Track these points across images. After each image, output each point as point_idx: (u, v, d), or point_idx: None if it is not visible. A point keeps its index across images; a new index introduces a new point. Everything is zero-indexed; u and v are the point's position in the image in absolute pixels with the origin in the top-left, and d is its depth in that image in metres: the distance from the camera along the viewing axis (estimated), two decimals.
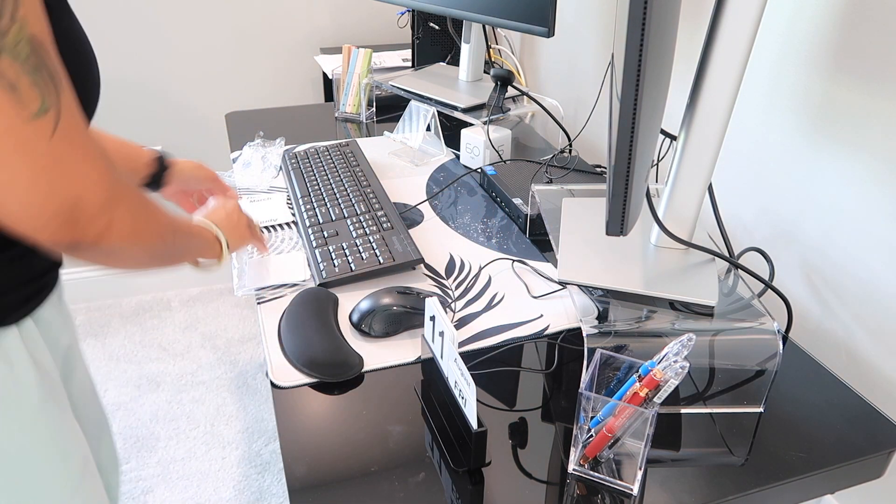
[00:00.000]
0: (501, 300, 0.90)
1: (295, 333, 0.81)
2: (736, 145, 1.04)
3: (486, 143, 1.25)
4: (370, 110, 1.52)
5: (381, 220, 1.02)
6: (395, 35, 2.13)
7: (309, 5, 2.05)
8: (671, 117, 1.16)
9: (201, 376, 1.97)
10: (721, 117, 0.73)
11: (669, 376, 0.59)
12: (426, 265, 0.98)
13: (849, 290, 0.88)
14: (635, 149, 0.60)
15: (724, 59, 0.69)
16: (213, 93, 2.09)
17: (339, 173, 1.17)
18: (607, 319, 0.77)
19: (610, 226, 0.68)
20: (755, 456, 0.68)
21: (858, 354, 0.88)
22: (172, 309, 2.26)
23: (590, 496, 0.64)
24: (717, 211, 0.88)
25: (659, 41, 0.58)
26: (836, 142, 0.87)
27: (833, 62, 0.86)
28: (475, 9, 1.29)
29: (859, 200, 0.85)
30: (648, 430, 0.61)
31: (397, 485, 0.64)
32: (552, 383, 0.78)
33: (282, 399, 0.74)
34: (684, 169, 0.77)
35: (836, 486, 0.71)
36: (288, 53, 2.10)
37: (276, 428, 1.51)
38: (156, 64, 2.00)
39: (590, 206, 0.95)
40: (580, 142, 1.47)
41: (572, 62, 1.53)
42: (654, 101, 0.64)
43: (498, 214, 1.12)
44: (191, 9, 1.96)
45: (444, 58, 1.69)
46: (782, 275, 0.98)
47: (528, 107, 1.40)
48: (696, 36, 1.09)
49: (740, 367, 0.77)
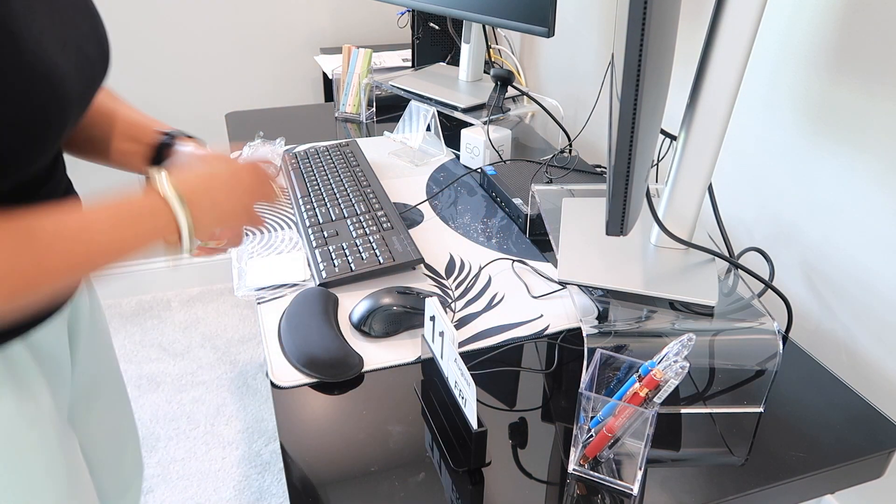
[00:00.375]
0: (501, 300, 0.90)
1: (295, 333, 0.81)
2: (736, 145, 1.04)
3: (486, 143, 1.25)
4: (370, 110, 1.52)
5: (381, 220, 1.02)
6: (395, 35, 2.13)
7: (309, 6, 2.05)
8: (671, 117, 1.16)
9: (201, 376, 1.97)
10: (721, 117, 0.73)
11: (669, 376, 0.59)
12: (426, 265, 0.98)
13: (849, 290, 0.88)
14: (635, 149, 0.60)
15: (724, 59, 0.69)
16: (213, 93, 2.09)
17: (339, 173, 1.17)
18: (607, 319, 0.77)
19: (610, 226, 0.68)
20: (755, 456, 0.68)
21: (858, 354, 0.88)
22: (172, 309, 2.26)
23: (590, 496, 0.64)
24: (717, 211, 0.88)
25: (659, 41, 0.58)
26: (836, 142, 0.87)
27: (833, 62, 0.86)
28: (475, 9, 1.29)
29: (859, 200, 0.85)
30: (648, 430, 0.61)
31: (397, 485, 0.64)
32: (552, 383, 0.78)
33: (282, 399, 0.74)
34: (684, 169, 0.77)
35: (836, 486, 0.71)
36: (288, 53, 2.10)
37: (276, 428, 1.51)
38: (156, 64, 2.00)
39: (590, 206, 0.95)
40: (580, 142, 1.47)
41: (572, 62, 1.53)
42: (654, 101, 0.64)
43: (498, 214, 1.12)
44: (191, 9, 1.96)
45: (444, 58, 1.69)
46: (782, 275, 0.98)
47: (528, 107, 1.40)
48: (696, 36, 1.09)
49: (740, 367, 0.77)
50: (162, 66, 2.00)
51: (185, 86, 2.05)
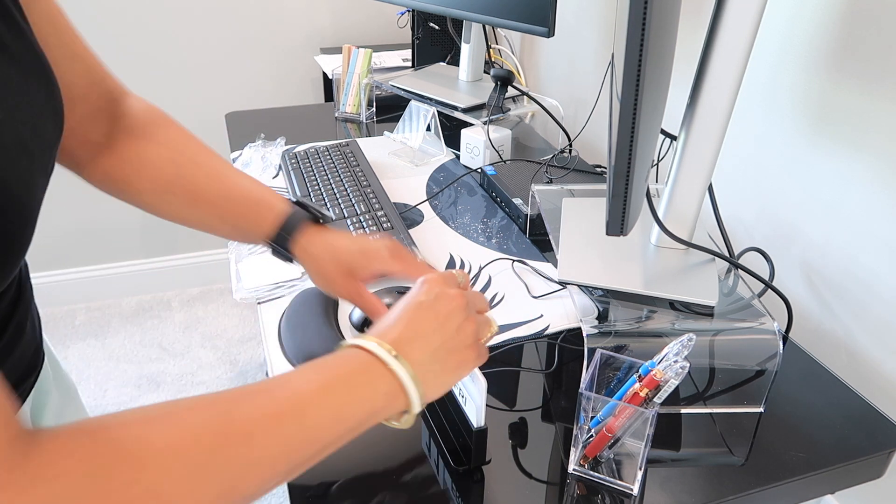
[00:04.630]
0: (501, 300, 0.90)
1: (295, 333, 0.81)
2: (736, 145, 1.04)
3: (486, 143, 1.24)
4: (370, 110, 1.52)
5: (381, 220, 1.02)
6: (395, 35, 2.13)
7: (309, 5, 2.05)
8: (671, 117, 1.16)
9: (201, 376, 1.97)
10: (721, 117, 0.73)
11: (669, 376, 0.59)
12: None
13: (849, 290, 0.88)
14: (635, 149, 0.60)
15: (724, 58, 0.69)
16: (213, 93, 2.09)
17: (339, 173, 1.17)
18: (607, 319, 0.77)
19: (610, 226, 0.68)
20: (755, 456, 0.68)
21: (858, 354, 0.88)
22: (172, 309, 2.26)
23: (590, 496, 0.64)
24: (717, 211, 0.88)
25: (659, 41, 0.58)
26: (836, 141, 0.87)
27: (833, 62, 0.86)
28: (475, 9, 1.29)
29: (859, 200, 0.85)
30: (648, 430, 0.61)
31: (397, 484, 0.64)
32: (552, 383, 0.78)
33: None
34: (684, 169, 0.77)
35: (836, 486, 0.71)
36: (288, 53, 2.10)
37: None
38: (155, 64, 2.00)
39: (590, 206, 0.95)
40: (580, 142, 1.47)
41: (572, 62, 1.53)
42: (654, 101, 0.64)
43: (498, 214, 1.12)
44: (191, 9, 1.95)
45: (444, 58, 1.69)
46: (782, 275, 0.98)
47: (528, 107, 1.40)
48: (696, 36, 1.09)
49: (740, 367, 0.77)
50: (162, 65, 2.00)
51: (185, 86, 2.05)
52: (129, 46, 1.94)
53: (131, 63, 1.97)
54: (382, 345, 0.45)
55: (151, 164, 0.68)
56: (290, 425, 0.41)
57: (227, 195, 0.67)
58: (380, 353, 0.44)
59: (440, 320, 0.48)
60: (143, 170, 0.67)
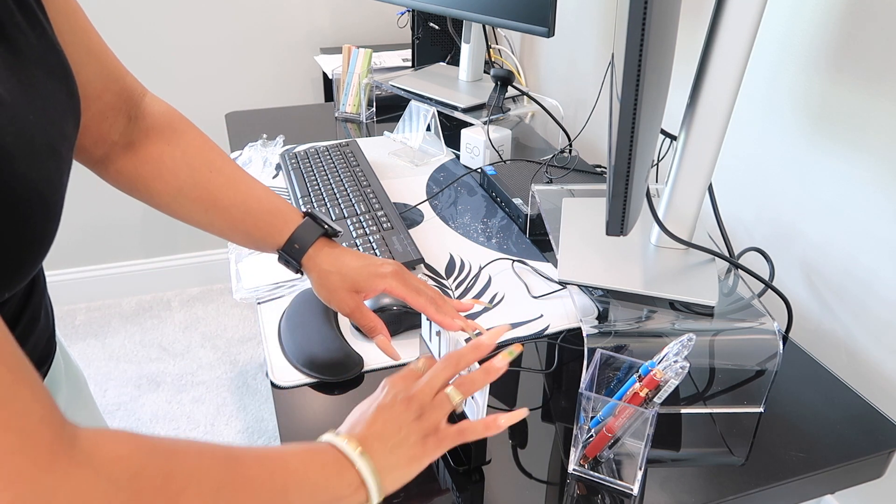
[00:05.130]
0: (501, 300, 0.90)
1: (295, 333, 0.81)
2: (736, 145, 1.04)
3: (486, 143, 1.24)
4: (370, 110, 1.52)
5: (381, 220, 1.02)
6: (395, 35, 2.13)
7: (309, 5, 2.05)
8: (671, 117, 1.16)
9: (201, 376, 1.97)
10: (721, 117, 0.73)
11: (669, 376, 0.59)
12: (426, 265, 0.97)
13: (849, 290, 0.88)
14: (635, 149, 0.60)
15: (724, 59, 0.69)
16: (213, 93, 2.09)
17: (339, 173, 1.17)
18: (607, 319, 0.77)
19: (610, 226, 0.68)
20: (755, 456, 0.68)
21: (858, 354, 0.88)
22: (172, 309, 2.26)
23: (590, 496, 0.64)
24: (717, 211, 0.88)
25: (659, 41, 0.58)
26: (836, 142, 0.87)
27: (833, 62, 0.86)
28: (475, 9, 1.29)
29: (859, 200, 0.85)
30: (648, 430, 0.61)
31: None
32: (552, 383, 0.78)
33: (282, 399, 0.74)
34: (684, 169, 0.77)
35: (836, 486, 0.71)
36: (288, 53, 2.10)
37: (276, 428, 1.51)
38: (155, 64, 2.00)
39: (590, 206, 0.95)
40: (580, 142, 1.47)
41: (572, 62, 1.53)
42: (654, 101, 0.64)
43: (498, 214, 1.12)
44: (191, 9, 1.96)
45: (444, 58, 1.69)
46: (782, 275, 0.98)
47: (528, 107, 1.40)
48: (696, 36, 1.09)
49: (740, 367, 0.77)
50: (162, 65, 2.00)
51: (185, 85, 2.05)
52: (130, 46, 1.94)
53: (131, 63, 1.96)
54: (350, 442, 0.50)
55: (167, 167, 0.68)
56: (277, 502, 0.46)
57: (241, 204, 0.69)
58: (346, 450, 0.50)
59: (398, 422, 0.52)
60: (158, 172, 0.68)
